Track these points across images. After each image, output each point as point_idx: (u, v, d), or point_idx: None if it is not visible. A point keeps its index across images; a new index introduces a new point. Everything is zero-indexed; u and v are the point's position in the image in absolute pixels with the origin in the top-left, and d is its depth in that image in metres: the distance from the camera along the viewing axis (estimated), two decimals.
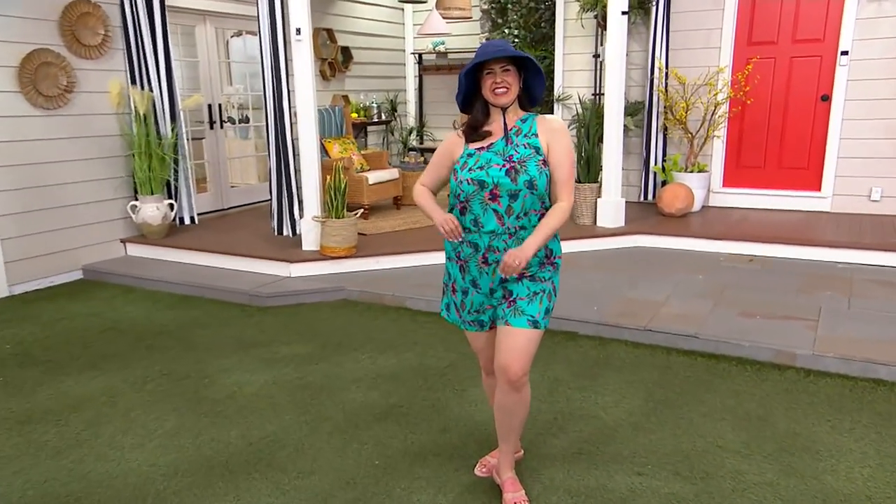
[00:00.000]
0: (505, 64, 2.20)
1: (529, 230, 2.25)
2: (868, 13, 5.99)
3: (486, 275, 2.32)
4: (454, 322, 2.50)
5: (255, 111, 7.92)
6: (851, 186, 6.31)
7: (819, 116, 6.45)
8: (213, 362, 3.80)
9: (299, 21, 5.06)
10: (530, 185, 2.20)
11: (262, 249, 5.46)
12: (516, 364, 2.31)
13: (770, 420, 3.04)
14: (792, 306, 4.26)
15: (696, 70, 6.65)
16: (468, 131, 2.33)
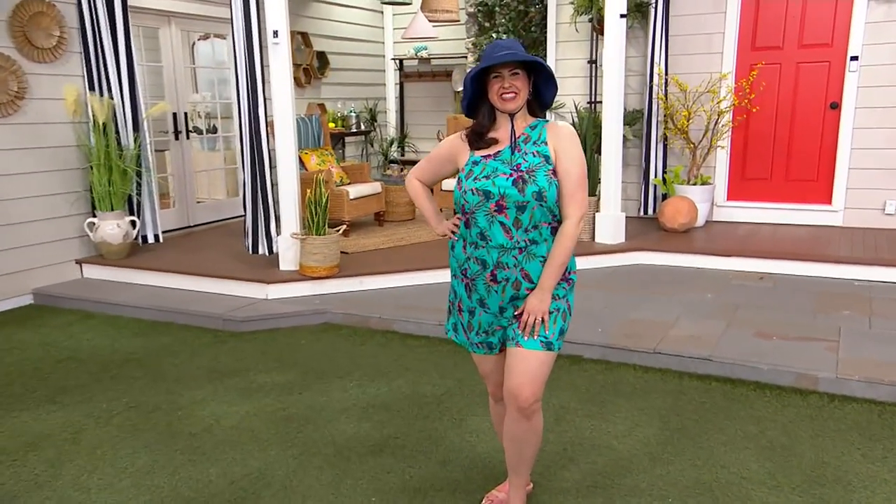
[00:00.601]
0: (513, 67, 2.20)
1: (541, 244, 2.25)
2: (878, 16, 6.15)
3: (495, 293, 2.30)
4: (462, 343, 2.48)
5: (224, 120, 7.88)
6: (864, 199, 6.42)
7: (828, 125, 6.57)
8: (186, 393, 3.73)
9: (276, 23, 5.06)
10: (539, 196, 2.19)
11: (236, 270, 5.40)
12: (527, 389, 2.29)
13: (796, 449, 3.04)
14: (810, 326, 4.29)
15: (697, 77, 6.76)
16: (473, 138, 2.32)
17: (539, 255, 2.25)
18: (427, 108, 9.59)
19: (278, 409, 3.51)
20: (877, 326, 4.26)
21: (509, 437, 2.42)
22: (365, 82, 9.35)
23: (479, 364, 2.52)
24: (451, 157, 2.39)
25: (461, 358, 4.13)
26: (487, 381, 2.57)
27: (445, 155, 2.42)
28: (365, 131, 9.07)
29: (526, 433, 2.37)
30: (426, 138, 9.49)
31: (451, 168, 2.42)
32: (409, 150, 9.55)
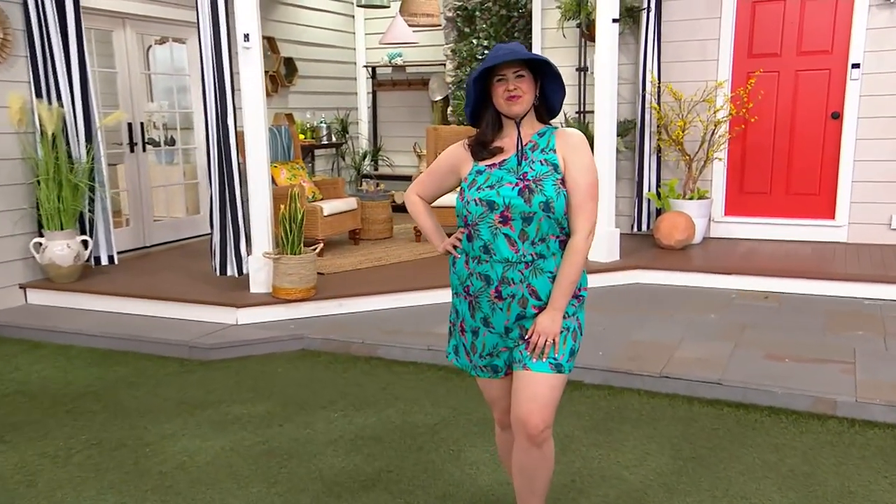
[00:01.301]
0: (518, 69, 2.21)
1: (549, 258, 2.25)
2: (880, 22, 6.35)
3: (500, 311, 2.28)
4: (463, 367, 2.47)
5: (184, 132, 7.81)
6: (869, 214, 6.57)
7: (830, 136, 6.74)
8: (153, 428, 3.65)
9: (247, 25, 5.06)
10: (546, 206, 2.19)
11: (202, 293, 5.33)
12: (536, 416, 2.28)
13: (818, 477, 3.07)
14: (822, 348, 4.36)
15: (692, 85, 6.89)
16: (476, 148, 2.33)
17: (547, 271, 2.25)
18: (402, 119, 9.62)
19: (257, 442, 3.46)
20: (893, 348, 4.34)
21: (518, 467, 2.41)
22: (335, 91, 9.37)
23: (485, 389, 2.51)
24: (454, 169, 2.39)
25: (454, 385, 4.11)
26: (494, 408, 2.56)
27: (447, 167, 2.42)
28: (336, 143, 9.06)
29: (536, 463, 2.36)
30: (401, 151, 9.52)
31: (454, 180, 2.42)
32: (384, 163, 9.56)
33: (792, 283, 5.69)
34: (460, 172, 2.36)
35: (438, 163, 2.45)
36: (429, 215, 2.52)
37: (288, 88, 8.58)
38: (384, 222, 7.29)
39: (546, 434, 2.32)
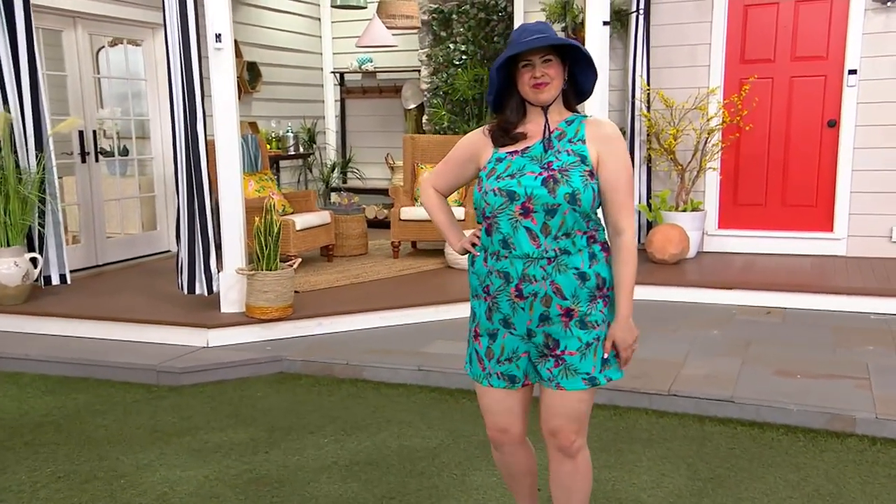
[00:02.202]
0: (545, 53, 2.19)
1: (574, 254, 2.21)
2: (875, 26, 6.56)
3: (521, 311, 2.24)
4: (475, 376, 2.39)
5: (139, 141, 7.73)
6: (869, 226, 6.75)
7: (826, 145, 6.93)
8: (125, 458, 3.58)
9: (219, 25, 5.05)
10: (572, 199, 2.16)
11: (167, 313, 5.26)
12: (567, 428, 2.33)
13: (846, 497, 3.13)
14: (833, 363, 4.46)
15: (683, 92, 7.03)
16: (497, 134, 2.31)
17: (572, 267, 2.20)
18: (373, 129, 9.64)
19: (244, 470, 3.41)
20: None
21: (555, 482, 2.43)
22: (301, 98, 9.36)
23: (489, 401, 2.38)
24: (473, 157, 2.36)
25: (448, 407, 4.11)
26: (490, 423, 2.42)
27: (465, 155, 2.39)
28: (304, 154, 9.04)
29: (571, 475, 2.38)
30: (373, 163, 9.53)
31: (473, 170, 2.39)
32: (354, 176, 9.56)
33: (793, 298, 5.81)
34: (479, 161, 2.34)
35: (456, 151, 2.43)
36: (444, 209, 2.50)
37: (251, 95, 8.55)
38: (359, 237, 7.27)
39: (578, 445, 2.34)
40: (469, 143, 2.39)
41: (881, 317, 5.45)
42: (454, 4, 8.31)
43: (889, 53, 6.57)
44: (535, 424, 2.43)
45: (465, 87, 7.94)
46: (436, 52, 8.49)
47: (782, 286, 5.90)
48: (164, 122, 7.63)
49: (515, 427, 2.41)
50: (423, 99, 8.73)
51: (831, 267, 6.44)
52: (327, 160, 9.59)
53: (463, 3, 8.27)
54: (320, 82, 9.73)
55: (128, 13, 7.12)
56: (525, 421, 2.44)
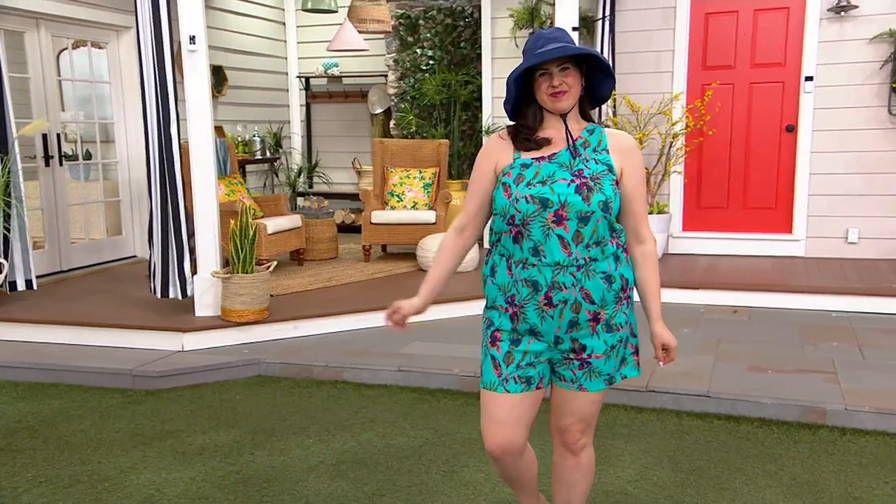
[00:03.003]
0: (562, 62, 2.19)
1: (601, 262, 2.21)
2: (830, 35, 6.78)
3: (550, 319, 2.21)
4: (487, 384, 2.30)
5: (104, 145, 7.60)
6: (826, 228, 6.96)
7: (785, 150, 7.12)
8: (108, 461, 3.53)
9: (193, 27, 5.01)
10: (605, 207, 2.18)
11: (139, 318, 5.20)
12: (575, 428, 2.39)
13: (822, 485, 3.23)
14: (801, 359, 4.59)
15: (648, 97, 7.17)
16: (519, 139, 2.27)
17: (599, 272, 2.21)
18: (339, 133, 9.62)
19: (231, 471, 3.39)
20: (870, 357, 4.61)
21: (557, 475, 2.47)
22: (267, 102, 9.30)
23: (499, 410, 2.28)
24: (493, 164, 2.30)
25: (430, 406, 4.13)
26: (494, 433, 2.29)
27: (490, 167, 2.30)
28: (271, 158, 8.99)
29: (573, 470, 2.43)
30: (339, 167, 9.50)
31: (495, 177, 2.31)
32: (320, 180, 9.52)
33: (758, 297, 5.95)
34: (498, 165, 2.29)
35: (479, 170, 2.33)
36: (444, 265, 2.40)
37: (217, 99, 8.47)
38: (329, 241, 7.25)
39: (583, 443, 2.40)
40: (489, 153, 2.33)
41: (842, 314, 5.61)
42: (421, 10, 8.36)
43: (843, 61, 6.78)
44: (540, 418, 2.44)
45: (433, 92, 7.97)
46: (403, 57, 8.52)
47: (747, 286, 6.05)
48: (130, 125, 7.54)
49: (518, 440, 2.32)
50: (391, 103, 8.75)
51: (791, 267, 6.62)
52: (293, 165, 9.53)
53: (430, 9, 8.32)
54: (286, 87, 9.68)
55: (92, 15, 7.01)
56: (528, 433, 2.35)
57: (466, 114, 8.25)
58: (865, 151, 6.79)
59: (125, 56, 7.47)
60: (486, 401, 2.33)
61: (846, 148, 6.85)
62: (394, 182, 7.24)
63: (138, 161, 7.53)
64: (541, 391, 2.35)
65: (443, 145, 7.44)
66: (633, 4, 7.24)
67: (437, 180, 7.30)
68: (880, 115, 6.74)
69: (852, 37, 6.73)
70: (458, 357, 4.59)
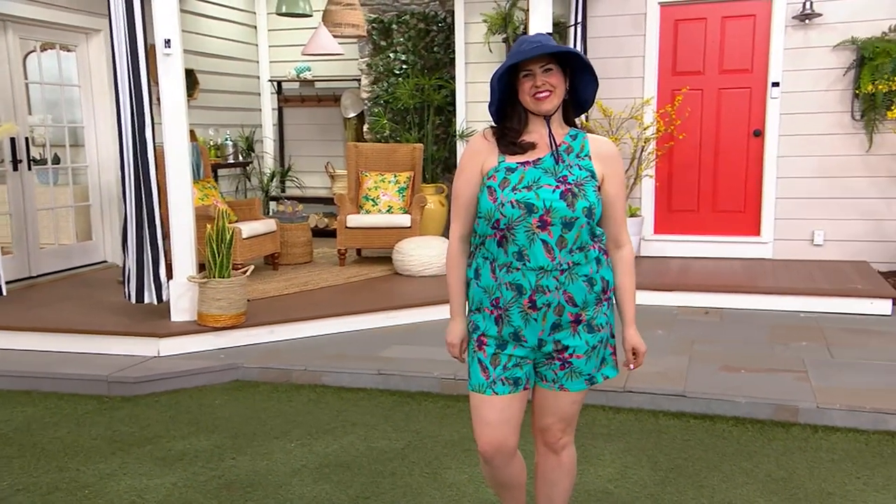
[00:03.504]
0: (546, 62, 2.21)
1: (584, 266, 2.24)
2: (796, 42, 6.92)
3: (534, 322, 2.24)
4: (475, 387, 2.32)
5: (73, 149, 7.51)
6: (792, 230, 7.10)
7: (753, 154, 7.26)
8: (86, 468, 3.49)
9: (168, 30, 4.99)
10: (589, 212, 2.20)
11: (114, 323, 5.14)
12: (556, 427, 2.42)
13: (796, 481, 3.30)
14: (772, 358, 4.68)
15: (620, 102, 7.26)
16: (504, 142, 2.28)
17: (582, 275, 2.23)
18: (312, 137, 9.60)
19: (213, 476, 3.37)
20: (838, 356, 4.71)
21: (539, 474, 2.49)
22: (239, 106, 9.25)
23: (489, 412, 2.30)
24: (480, 163, 2.31)
25: (411, 409, 4.15)
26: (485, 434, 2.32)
27: (476, 167, 2.30)
28: (244, 162, 8.94)
29: (554, 469, 2.45)
30: (312, 171, 9.48)
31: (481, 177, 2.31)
32: (293, 184, 9.49)
33: (729, 299, 6.06)
34: (484, 167, 2.29)
35: (465, 173, 2.33)
36: (460, 275, 2.39)
37: (188, 103, 8.37)
38: (304, 245, 7.23)
39: (564, 442, 2.42)
40: (474, 152, 2.33)
41: (809, 314, 5.73)
42: (394, 14, 8.38)
43: (808, 67, 6.93)
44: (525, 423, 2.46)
45: (407, 97, 7.99)
46: (376, 61, 8.53)
47: (718, 287, 6.15)
48: (100, 129, 7.45)
49: (511, 440, 2.34)
50: (364, 108, 8.75)
51: (760, 269, 6.74)
52: (266, 169, 9.49)
53: (403, 14, 8.34)
54: (258, 90, 9.64)
55: (61, 17, 6.92)
56: (518, 432, 2.37)
57: (440, 118, 8.28)
58: (830, 156, 6.95)
59: (95, 59, 7.39)
60: (476, 403, 2.35)
61: (811, 152, 7.00)
62: (368, 186, 7.25)
63: (108, 165, 7.46)
64: (527, 391, 2.37)
65: (417, 149, 7.47)
66: (604, 11, 7.34)
67: (411, 184, 7.32)
68: (844, 120, 6.90)
69: (817, 44, 6.89)
70: (438, 360, 4.61)
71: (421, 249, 6.50)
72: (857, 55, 6.72)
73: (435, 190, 7.89)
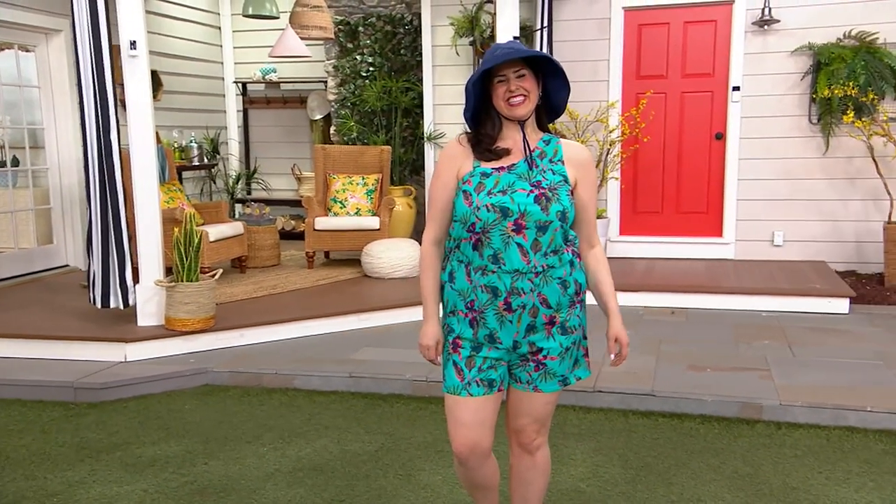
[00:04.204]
0: (519, 68, 2.24)
1: (558, 268, 2.28)
2: (755, 47, 7.07)
3: (509, 324, 2.27)
4: (450, 389, 2.34)
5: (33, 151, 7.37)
6: (753, 231, 7.24)
7: (715, 156, 7.39)
8: (54, 476, 3.44)
9: (133, 32, 4.94)
10: (563, 216, 2.24)
11: (79, 329, 5.07)
12: (530, 428, 2.45)
13: (761, 477, 3.38)
14: (736, 357, 4.78)
15: (586, 105, 7.33)
16: (479, 148, 2.31)
17: (556, 278, 2.27)
18: (278, 139, 9.55)
19: (185, 482, 3.34)
20: (799, 354, 4.82)
21: (514, 475, 2.52)
22: (204, 108, 9.16)
23: (464, 413, 2.33)
24: (456, 169, 2.33)
25: (384, 411, 4.16)
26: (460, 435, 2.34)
27: (452, 172, 2.32)
28: (209, 165, 8.85)
29: (529, 469, 2.48)
30: (278, 173, 9.42)
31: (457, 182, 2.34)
32: (259, 186, 9.42)
33: (693, 299, 6.16)
34: (460, 172, 2.32)
35: (441, 178, 2.35)
36: (434, 277, 2.40)
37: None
38: (271, 248, 7.19)
39: (539, 443, 2.45)
40: (450, 157, 2.35)
41: (771, 314, 5.86)
42: (361, 17, 8.37)
43: (767, 72, 7.07)
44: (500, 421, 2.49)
45: (374, 99, 7.99)
46: (343, 63, 8.51)
47: (682, 288, 6.25)
48: (60, 131, 7.33)
49: (485, 441, 2.37)
50: (330, 110, 8.73)
51: (723, 270, 6.87)
52: (231, 171, 9.41)
53: (369, 16, 8.34)
54: (222, 92, 9.55)
55: (19, 17, 6.79)
56: (493, 433, 2.40)
57: (408, 120, 8.29)
58: (789, 158, 7.10)
59: (55, 60, 7.27)
60: (451, 405, 2.37)
61: (771, 155, 7.14)
62: (336, 188, 7.23)
63: (69, 167, 7.34)
64: (502, 393, 2.41)
65: (385, 151, 7.47)
66: (570, 15, 7.42)
67: (380, 186, 7.32)
68: (801, 123, 7.06)
69: (775, 49, 7.03)
70: (409, 362, 4.62)
71: (390, 252, 6.50)
72: (814, 60, 6.88)
73: (403, 192, 7.90)
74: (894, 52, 6.63)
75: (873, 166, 6.58)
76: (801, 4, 6.89)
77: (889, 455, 3.56)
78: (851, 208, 7.00)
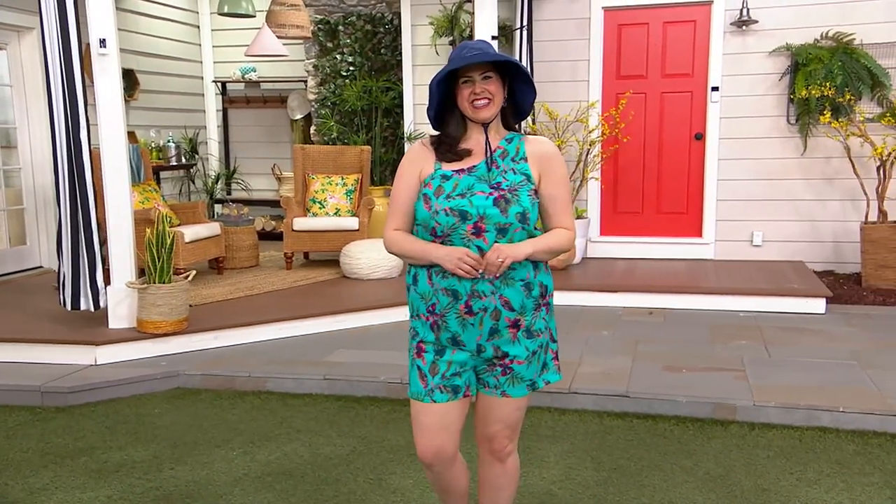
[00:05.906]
0: (485, 70, 2.22)
1: (521, 270, 2.25)
2: (734, 48, 7.07)
3: (471, 327, 2.25)
4: (414, 395, 2.33)
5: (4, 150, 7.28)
6: (733, 231, 7.25)
7: (695, 156, 7.38)
8: (15, 483, 3.38)
9: (103, 30, 4.87)
10: (522, 217, 2.21)
11: (48, 331, 5.00)
12: (502, 435, 2.41)
13: (733, 478, 3.36)
14: (712, 358, 4.77)
15: (566, 105, 7.32)
16: (441, 150, 2.29)
17: (518, 279, 2.25)
18: (258, 139, 9.48)
19: (150, 488, 3.29)
20: (774, 354, 4.82)
21: (483, 482, 2.49)
22: (182, 107, 9.09)
23: (428, 419, 2.31)
24: (418, 171, 2.31)
25: (357, 414, 4.12)
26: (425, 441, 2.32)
27: (414, 173, 2.30)
28: (187, 165, 8.78)
29: (499, 477, 2.46)
30: (258, 174, 9.36)
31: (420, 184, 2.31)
32: (239, 187, 9.35)
33: (672, 299, 6.15)
34: (422, 173, 2.30)
35: (402, 177, 2.32)
36: (414, 238, 2.32)
37: (129, 104, 8.21)
38: (250, 249, 7.13)
39: (510, 450, 2.43)
40: (412, 160, 2.33)
41: (749, 314, 5.85)
42: (340, 16, 8.33)
43: (746, 73, 7.08)
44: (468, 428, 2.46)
45: (354, 98, 7.94)
46: (322, 62, 8.46)
47: (661, 288, 6.24)
48: (34, 130, 7.25)
49: (449, 447, 2.35)
50: (311, 109, 8.67)
51: (702, 270, 6.87)
52: (211, 171, 9.34)
53: (349, 15, 8.29)
54: (201, 91, 9.48)
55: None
56: (458, 439, 2.38)
57: (388, 120, 8.25)
58: (767, 158, 7.11)
59: (28, 58, 7.19)
60: (415, 410, 2.35)
61: (750, 155, 7.15)
62: (316, 189, 7.18)
63: (43, 167, 7.25)
64: (468, 398, 2.37)
65: (365, 151, 7.42)
66: (549, 14, 7.40)
67: (359, 187, 7.27)
68: (780, 123, 7.07)
69: (754, 50, 7.04)
70: (384, 364, 4.58)
71: (369, 252, 6.46)
72: (792, 61, 6.89)
73: (383, 192, 7.85)
74: (871, 52, 6.65)
75: (850, 167, 6.59)
76: (779, 5, 6.90)
77: (860, 456, 3.55)
78: (829, 208, 7.01)
